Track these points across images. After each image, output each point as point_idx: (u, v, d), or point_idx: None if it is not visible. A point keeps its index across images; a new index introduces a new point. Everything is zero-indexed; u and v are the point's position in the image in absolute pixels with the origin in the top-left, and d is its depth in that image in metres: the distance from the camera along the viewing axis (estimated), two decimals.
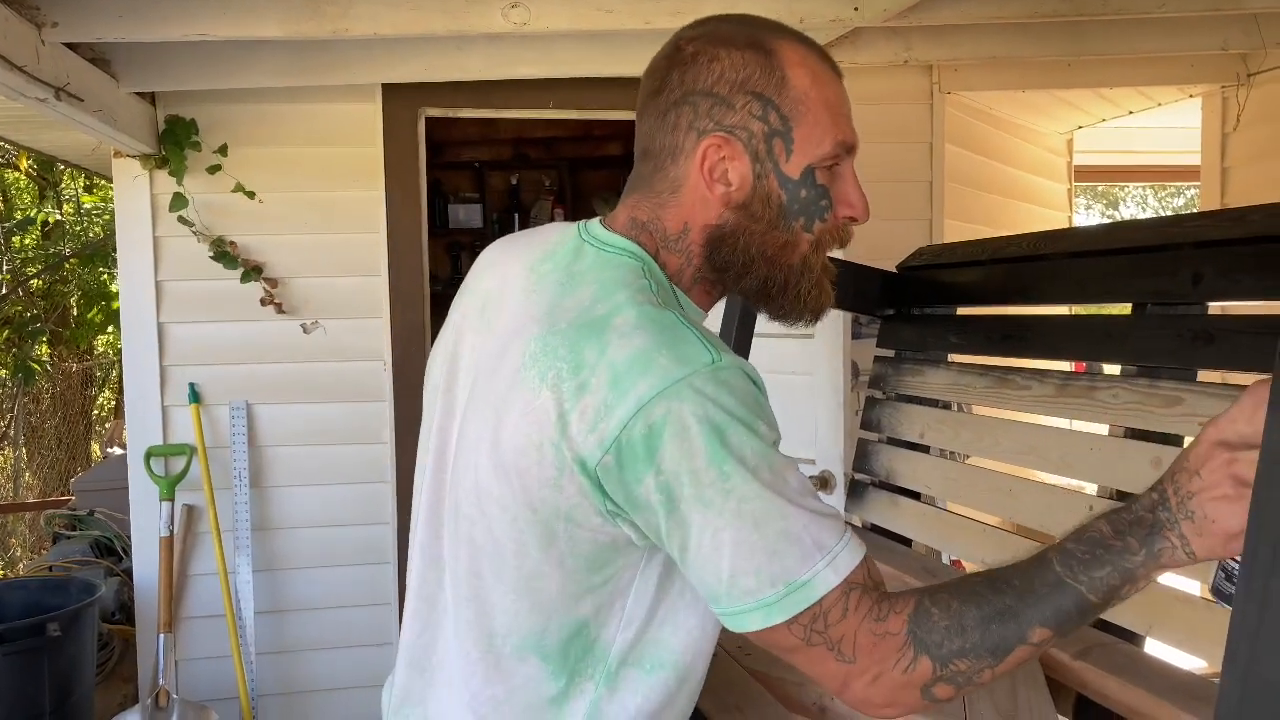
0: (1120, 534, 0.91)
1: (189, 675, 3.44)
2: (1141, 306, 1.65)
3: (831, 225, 1.05)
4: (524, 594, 0.98)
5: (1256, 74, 3.82)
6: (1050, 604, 0.90)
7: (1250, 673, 0.82)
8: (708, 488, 0.88)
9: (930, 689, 0.91)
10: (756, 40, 1.01)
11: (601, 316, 0.94)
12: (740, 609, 0.90)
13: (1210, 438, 0.89)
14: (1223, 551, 0.88)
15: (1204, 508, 0.88)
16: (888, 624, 0.90)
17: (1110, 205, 15.40)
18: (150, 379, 3.41)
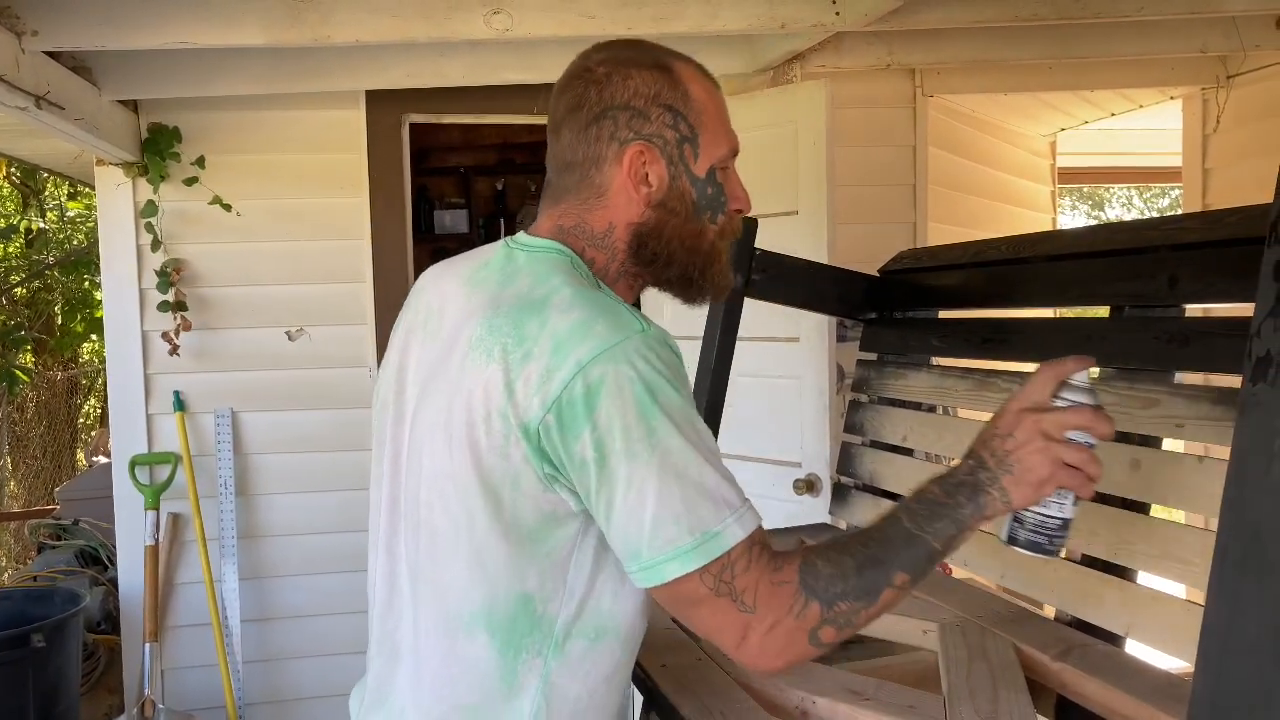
0: (950, 494, 1.08)
1: (175, 684, 3.43)
2: (1120, 309, 1.66)
3: (729, 219, 1.21)
4: (474, 566, 1.05)
5: (1236, 76, 3.85)
6: (906, 553, 1.06)
7: (1222, 672, 0.83)
8: (636, 441, 0.98)
9: (817, 632, 1.02)
10: (659, 62, 1.16)
11: (541, 297, 1.06)
12: (658, 559, 0.98)
13: (1014, 408, 1.11)
14: (1035, 496, 1.08)
15: (1021, 461, 1.07)
16: (782, 574, 1.02)
17: (1096, 206, 15.47)
18: (135, 387, 3.40)
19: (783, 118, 3.04)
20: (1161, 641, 1.46)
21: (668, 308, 3.38)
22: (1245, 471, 0.83)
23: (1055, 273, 1.87)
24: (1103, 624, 1.55)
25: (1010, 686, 1.36)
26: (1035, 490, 1.07)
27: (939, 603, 1.72)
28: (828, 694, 1.35)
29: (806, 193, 2.96)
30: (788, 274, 2.27)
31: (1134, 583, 1.54)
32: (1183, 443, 1.54)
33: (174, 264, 3.34)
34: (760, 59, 3.27)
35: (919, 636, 1.63)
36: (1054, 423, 1.07)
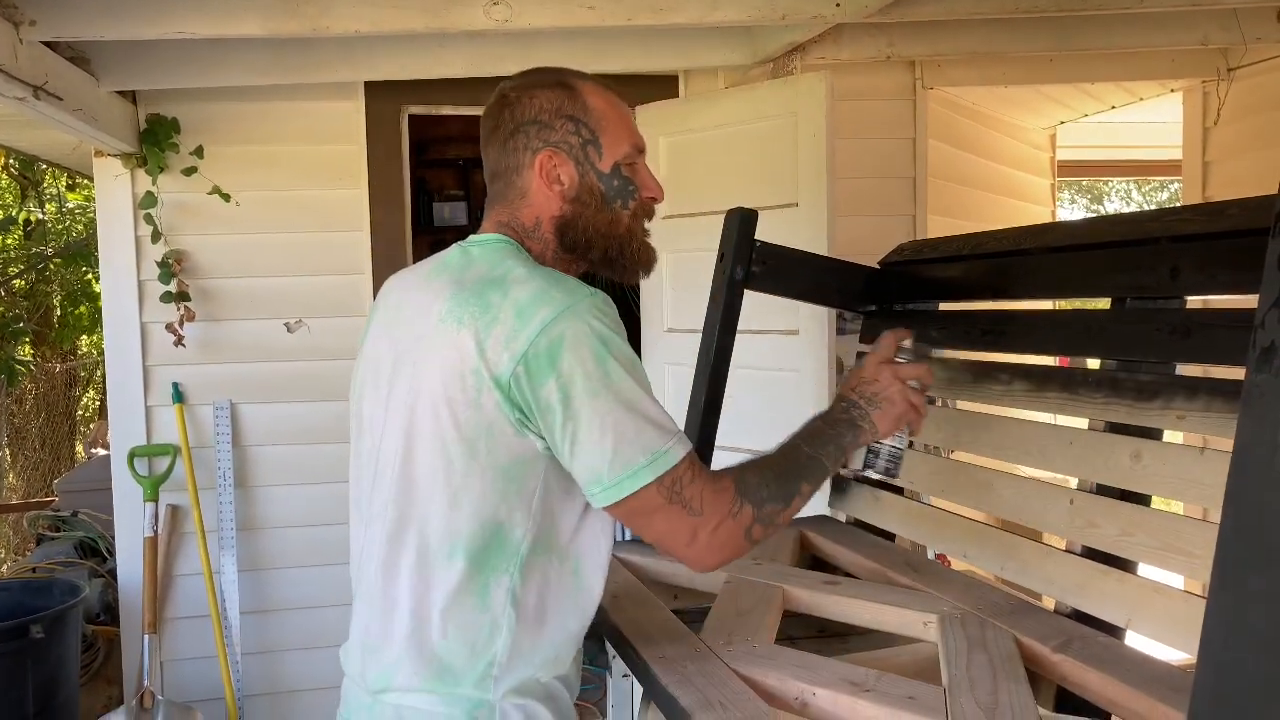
0: (833, 426, 1.42)
1: (174, 676, 3.43)
2: (1121, 301, 1.66)
3: (639, 204, 1.42)
4: (453, 506, 1.23)
5: (1236, 69, 3.84)
6: (807, 468, 1.36)
7: (1225, 663, 0.83)
8: (595, 382, 1.18)
9: (750, 530, 1.27)
10: (560, 80, 1.38)
11: (500, 275, 1.27)
12: (620, 477, 1.19)
13: (874, 362, 1.48)
14: (893, 427, 1.45)
15: (888, 399, 1.44)
16: (721, 482, 1.26)
17: (1094, 200, 15.46)
18: (133, 379, 3.39)
19: (783, 110, 3.03)
20: (1162, 633, 1.46)
21: (668, 300, 3.39)
22: (1248, 462, 0.83)
23: (1055, 265, 1.87)
24: (1103, 615, 1.55)
25: (1010, 678, 1.36)
26: (894, 422, 1.44)
27: (939, 594, 1.72)
28: (828, 685, 1.35)
29: (806, 185, 2.96)
30: (787, 266, 2.26)
31: (1134, 574, 1.54)
32: (1181, 434, 1.54)
33: (175, 255, 3.34)
34: (760, 51, 3.26)
35: (919, 628, 1.63)
36: (905, 373, 1.46)
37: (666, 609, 1.73)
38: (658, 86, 3.57)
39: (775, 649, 1.52)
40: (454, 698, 1.26)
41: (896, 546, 2.10)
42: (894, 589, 1.79)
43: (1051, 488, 1.74)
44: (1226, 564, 0.83)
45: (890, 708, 1.28)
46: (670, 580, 1.99)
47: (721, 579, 1.85)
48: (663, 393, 3.42)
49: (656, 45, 3.27)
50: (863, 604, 1.71)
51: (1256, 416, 0.83)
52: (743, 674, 1.41)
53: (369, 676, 1.34)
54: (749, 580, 1.82)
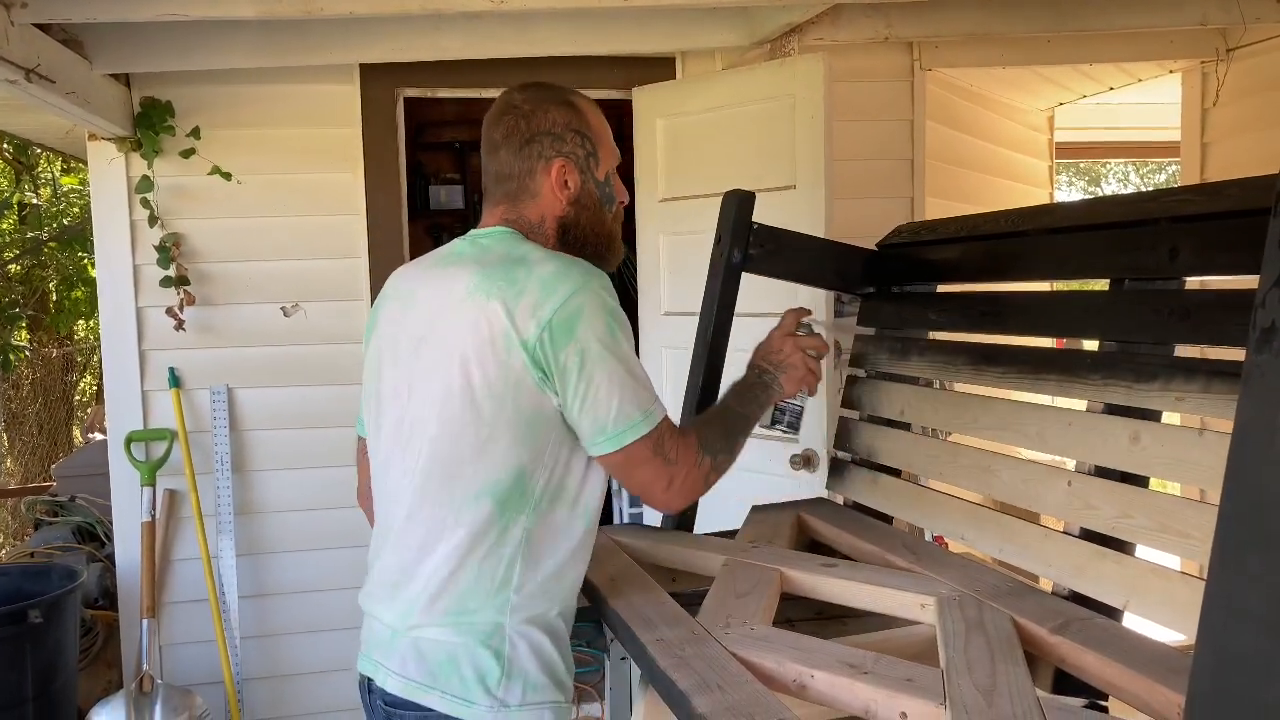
0: (752, 390, 1.78)
1: (173, 660, 3.44)
2: (1119, 282, 1.66)
3: (618, 208, 1.68)
4: (482, 454, 1.43)
5: (1235, 49, 3.83)
6: (742, 424, 1.70)
7: (1224, 644, 0.83)
8: (606, 349, 1.42)
9: (708, 476, 1.55)
10: (566, 100, 1.60)
11: (520, 256, 1.48)
12: (621, 429, 1.43)
13: (779, 334, 1.85)
14: (796, 389, 1.83)
15: (792, 366, 1.80)
16: (689, 439, 1.53)
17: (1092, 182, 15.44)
18: (130, 363, 3.39)
19: (780, 91, 3.02)
20: (1160, 614, 1.46)
21: (665, 282, 3.38)
22: (1248, 442, 0.82)
23: (1054, 246, 1.86)
24: (1101, 597, 1.56)
25: (1008, 660, 1.36)
26: (797, 384, 1.81)
27: (937, 577, 1.72)
28: (826, 667, 1.35)
29: (804, 167, 2.95)
30: (785, 248, 2.25)
31: (1133, 556, 1.54)
32: (1179, 416, 1.54)
33: (173, 238, 3.32)
34: (757, 31, 3.24)
35: (917, 610, 1.63)
36: (804, 343, 1.82)
37: (664, 592, 1.73)
38: (655, 68, 3.55)
39: (773, 631, 1.52)
40: (469, 626, 1.44)
41: (894, 529, 2.10)
42: (892, 571, 1.79)
43: (1049, 470, 1.74)
44: (1225, 545, 0.83)
45: (888, 690, 1.28)
46: (668, 563, 1.99)
47: (719, 562, 1.85)
48: (661, 375, 3.41)
49: (653, 26, 3.25)
50: (860, 586, 1.71)
51: (1256, 397, 0.83)
52: (740, 656, 1.41)
53: (392, 614, 1.51)
54: (747, 563, 1.82)
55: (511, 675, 1.43)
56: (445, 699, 1.43)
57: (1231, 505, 0.83)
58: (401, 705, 1.46)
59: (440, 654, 1.44)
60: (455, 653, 1.43)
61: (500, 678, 1.43)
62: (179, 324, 3.32)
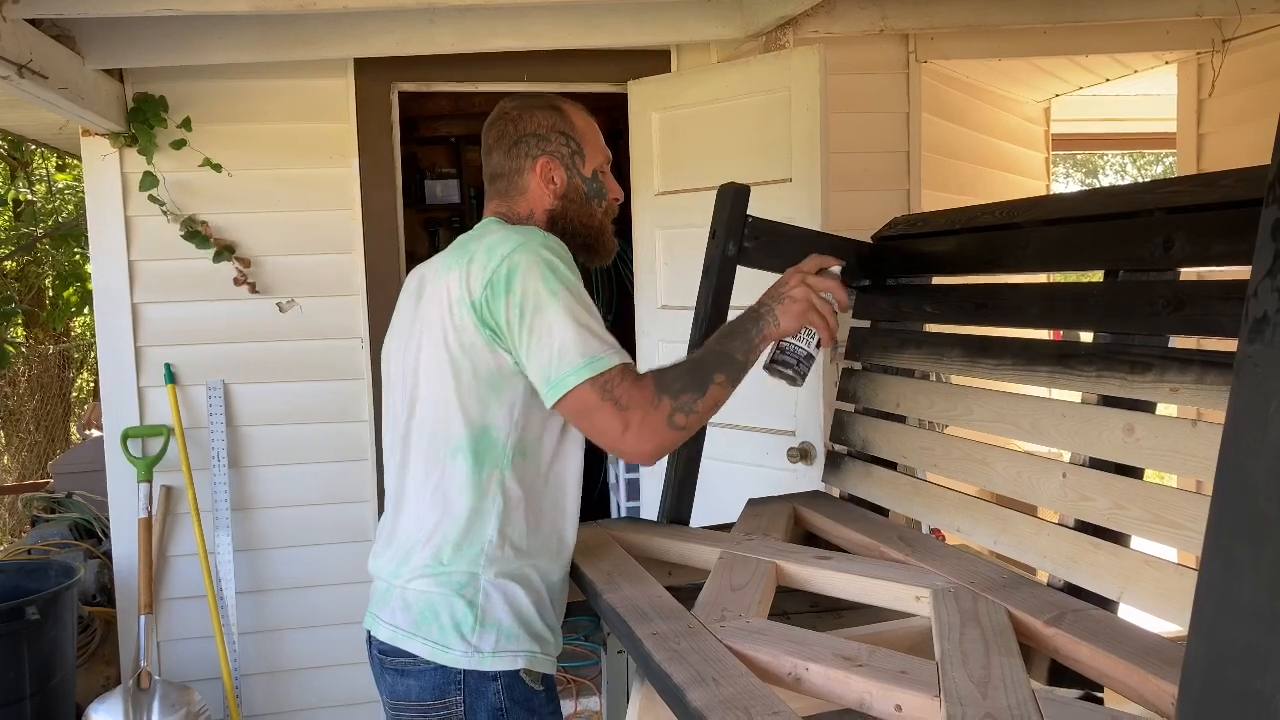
0: (742, 323, 1.64)
1: (171, 656, 3.44)
2: (1114, 273, 1.65)
3: (608, 204, 1.80)
4: (456, 414, 1.55)
5: (1231, 40, 3.82)
6: (718, 361, 1.59)
7: (1216, 635, 0.83)
8: (545, 298, 1.48)
9: (672, 418, 1.51)
10: (551, 104, 1.75)
11: (483, 233, 1.61)
12: (563, 375, 1.47)
13: (790, 270, 1.71)
14: (796, 324, 1.65)
15: (790, 297, 1.65)
16: (643, 382, 1.51)
17: (1089, 174, 15.43)
18: (125, 360, 3.38)
19: (776, 84, 3.01)
20: (1155, 605, 1.46)
21: (661, 276, 3.38)
22: (1241, 433, 0.82)
23: (1049, 237, 1.86)
24: (1096, 589, 1.56)
25: (1003, 651, 1.36)
26: (796, 319, 1.64)
27: (932, 569, 1.72)
28: (821, 660, 1.35)
29: (800, 160, 2.94)
30: (780, 241, 2.25)
31: (1127, 547, 1.54)
32: (1175, 407, 1.54)
33: (192, 222, 3.31)
34: (752, 24, 3.23)
35: (912, 603, 1.64)
36: (814, 281, 1.67)
37: (660, 586, 1.73)
38: (649, 61, 3.54)
39: (768, 624, 1.52)
40: (447, 577, 1.55)
41: (890, 521, 2.10)
42: (887, 564, 1.79)
43: (1044, 461, 1.73)
44: (1217, 536, 0.83)
45: (883, 682, 1.28)
46: (664, 557, 1.99)
47: (715, 555, 1.85)
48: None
49: (648, 19, 3.24)
50: (856, 579, 1.71)
51: (1249, 388, 0.83)
52: (736, 649, 1.41)
53: (386, 568, 1.63)
54: (742, 556, 1.82)
55: (485, 624, 1.54)
56: (426, 645, 1.55)
57: (1223, 496, 0.83)
58: (390, 652, 1.59)
59: (423, 603, 1.56)
60: (435, 602, 1.55)
61: (474, 625, 1.54)
62: (252, 287, 3.40)
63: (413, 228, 4.85)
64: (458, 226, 5.62)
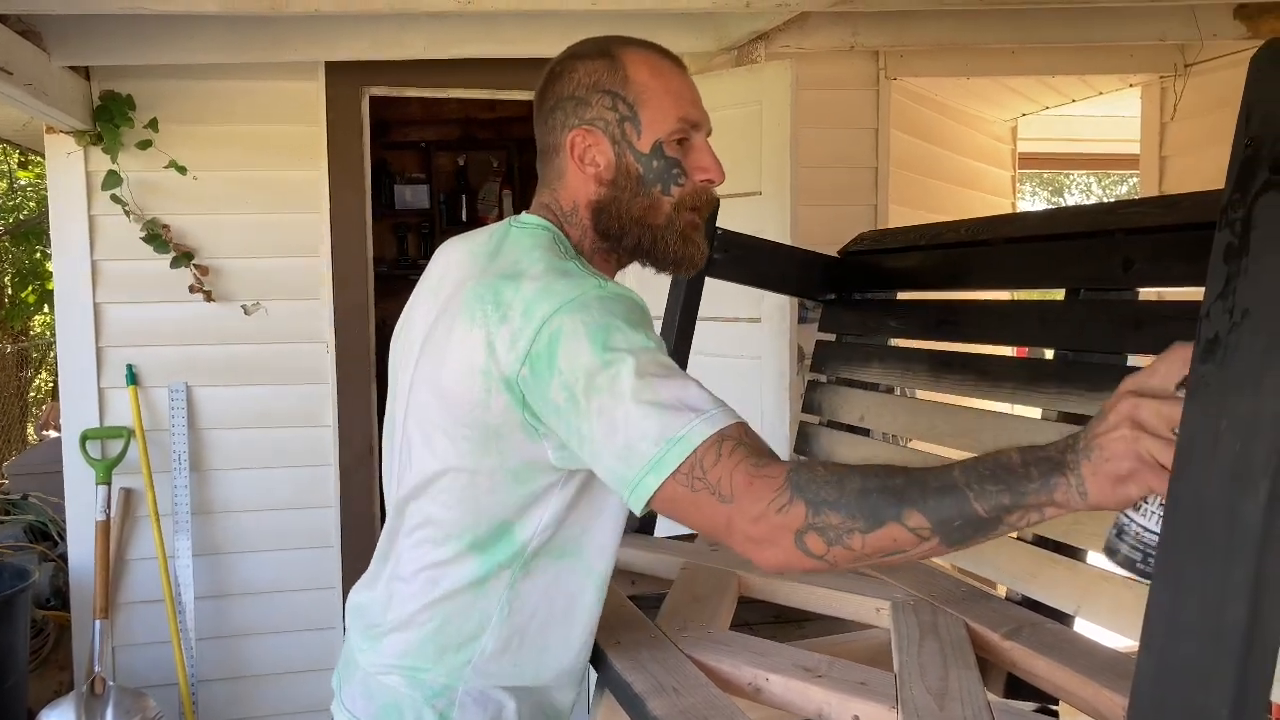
0: (1026, 465, 0.94)
1: (126, 661, 3.39)
2: (1075, 292, 1.68)
3: (690, 189, 1.29)
4: (463, 501, 1.21)
5: (1193, 65, 3.89)
6: (935, 498, 0.95)
7: (1165, 652, 0.84)
8: (597, 376, 1.08)
9: (803, 536, 0.99)
10: (604, 49, 1.29)
11: (521, 269, 1.19)
12: (639, 476, 1.05)
13: (1124, 389, 0.91)
14: (1111, 494, 0.89)
15: (1103, 447, 0.89)
16: (766, 469, 1.02)
17: (1055, 192, 15.63)
18: (86, 360, 3.34)
19: (748, 98, 3.03)
20: (1110, 620, 1.48)
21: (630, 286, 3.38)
22: (1192, 453, 0.84)
23: (1012, 255, 1.89)
24: (1053, 603, 1.58)
25: (961, 664, 1.37)
26: (1113, 486, 0.89)
27: (892, 581, 1.74)
28: (781, 671, 1.36)
29: (770, 173, 2.96)
30: (748, 254, 2.27)
31: (1084, 563, 1.56)
32: None
33: (153, 224, 3.28)
34: (725, 38, 3.25)
35: (872, 614, 1.65)
36: (1154, 411, 0.87)
37: (623, 595, 1.73)
38: None
39: (730, 635, 1.53)
40: (420, 681, 1.27)
41: None
42: (848, 575, 1.81)
43: None
44: (1168, 554, 0.85)
45: (841, 693, 1.29)
46: (627, 566, 1.99)
47: (679, 565, 1.85)
48: None
49: (621, 30, 3.22)
50: (817, 590, 1.73)
51: (1201, 408, 0.84)
52: (697, 660, 1.42)
53: (356, 635, 1.37)
54: (705, 566, 1.83)
55: None
56: None
57: (1174, 515, 0.84)
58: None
59: (387, 698, 1.29)
60: (400, 703, 1.28)
61: None
62: (207, 296, 3.34)
63: (381, 232, 4.83)
64: (426, 232, 5.59)
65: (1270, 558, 0.79)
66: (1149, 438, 0.87)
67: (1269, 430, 0.78)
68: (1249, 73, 0.85)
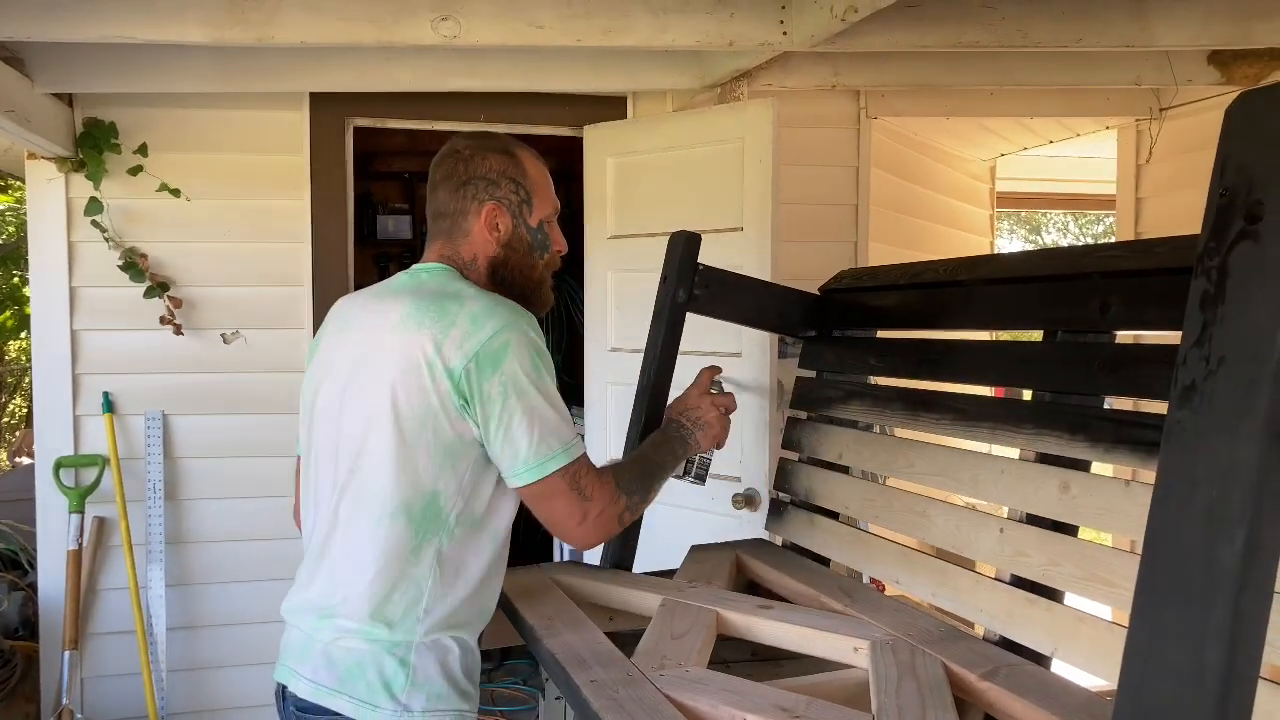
0: (669, 442, 1.86)
1: (95, 694, 3.34)
2: (1053, 333, 1.69)
3: (551, 256, 1.76)
4: (400, 474, 1.50)
5: (1168, 109, 3.96)
6: (657, 472, 1.77)
7: (1143, 695, 0.85)
8: (528, 384, 1.49)
9: (621, 515, 1.61)
10: (505, 148, 1.70)
11: (455, 291, 1.57)
12: (540, 460, 1.49)
13: (696, 393, 1.93)
14: (711, 443, 1.91)
15: (710, 425, 1.90)
16: (605, 477, 1.60)
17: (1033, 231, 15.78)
18: (62, 387, 3.31)
19: (730, 134, 3.06)
20: (1088, 662, 1.48)
21: (612, 319, 3.39)
22: (1169, 497, 0.85)
23: (991, 296, 1.90)
24: (1030, 644, 1.58)
25: (938, 706, 1.37)
26: (712, 440, 1.90)
27: (871, 620, 1.73)
28: (758, 711, 1.35)
29: (752, 210, 2.98)
30: (729, 290, 2.28)
31: (1061, 604, 1.56)
32: (1111, 467, 1.57)
33: (132, 253, 3.26)
34: (708, 75, 3.29)
35: (850, 654, 1.64)
36: (720, 402, 1.91)
37: (600, 631, 1.72)
38: (606, 107, 3.58)
39: (707, 674, 1.52)
40: (378, 638, 1.50)
41: (831, 571, 2.11)
42: (827, 614, 1.80)
43: (982, 516, 1.76)
44: (1145, 597, 0.85)
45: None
46: (605, 602, 1.98)
47: (657, 602, 1.85)
48: (606, 411, 3.42)
49: (605, 66, 3.28)
50: (795, 629, 1.72)
51: (1177, 452, 0.85)
52: (674, 699, 1.41)
53: (308, 622, 1.58)
54: (684, 603, 1.82)
55: (416, 683, 1.50)
56: (352, 703, 1.50)
57: (1151, 558, 0.85)
58: (311, 710, 1.54)
59: (349, 660, 1.51)
60: (363, 659, 1.50)
61: (405, 684, 1.50)
62: (177, 329, 3.32)
63: (363, 262, 4.82)
64: (408, 261, 5.55)
65: (1247, 601, 0.79)
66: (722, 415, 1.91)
67: (1245, 476, 0.79)
68: (1224, 123, 0.86)
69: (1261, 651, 0.82)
